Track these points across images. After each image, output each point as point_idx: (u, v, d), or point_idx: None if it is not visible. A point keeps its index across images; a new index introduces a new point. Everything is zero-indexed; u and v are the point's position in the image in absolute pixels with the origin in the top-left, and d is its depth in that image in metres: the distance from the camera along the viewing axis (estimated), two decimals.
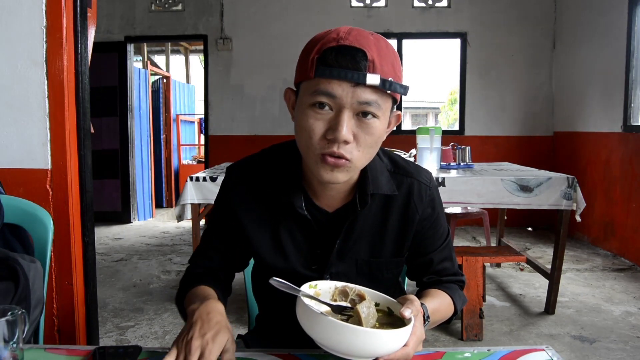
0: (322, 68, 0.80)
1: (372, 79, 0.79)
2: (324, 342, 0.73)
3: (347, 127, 0.81)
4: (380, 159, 0.99)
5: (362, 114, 0.82)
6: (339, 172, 0.85)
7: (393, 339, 0.72)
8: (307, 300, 0.76)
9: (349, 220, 0.95)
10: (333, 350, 0.73)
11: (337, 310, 0.82)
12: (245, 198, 0.99)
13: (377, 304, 0.84)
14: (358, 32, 0.83)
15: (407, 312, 0.77)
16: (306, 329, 0.74)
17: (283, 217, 0.97)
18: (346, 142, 0.82)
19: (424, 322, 0.87)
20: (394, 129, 0.96)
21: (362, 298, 0.83)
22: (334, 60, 0.80)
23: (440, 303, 0.97)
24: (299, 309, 0.76)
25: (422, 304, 0.89)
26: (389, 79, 0.81)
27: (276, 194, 0.96)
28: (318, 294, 0.85)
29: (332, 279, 0.97)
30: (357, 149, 0.84)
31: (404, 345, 0.75)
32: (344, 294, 0.85)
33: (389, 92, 0.82)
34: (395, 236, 0.99)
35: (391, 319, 0.83)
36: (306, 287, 0.82)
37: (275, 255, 0.98)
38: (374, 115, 0.83)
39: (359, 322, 0.77)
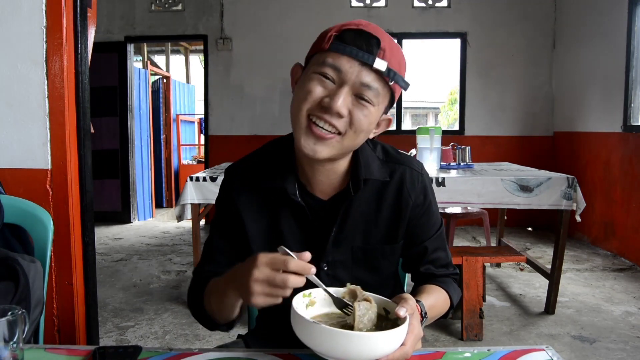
0: (337, 43, 0.85)
1: (380, 64, 0.84)
2: (320, 350, 0.73)
3: (343, 100, 0.85)
4: (372, 148, 1.02)
5: (359, 96, 0.86)
6: (322, 146, 0.87)
7: (388, 340, 0.72)
8: (300, 310, 0.76)
9: (344, 207, 0.96)
10: (330, 356, 0.73)
11: (338, 303, 0.82)
12: (243, 195, 1.00)
13: None
14: (377, 26, 0.88)
15: (402, 312, 0.77)
16: (301, 338, 0.74)
17: (279, 209, 0.98)
18: (339, 116, 0.85)
19: (422, 319, 0.87)
20: (386, 131, 0.99)
21: (367, 302, 0.82)
22: (351, 39, 0.85)
23: (436, 299, 0.98)
24: (293, 318, 0.75)
25: (419, 301, 0.90)
26: (394, 70, 0.86)
27: (271, 184, 0.97)
28: (313, 302, 0.84)
29: (328, 267, 0.98)
30: (348, 126, 0.87)
31: (402, 345, 0.75)
32: (352, 294, 0.84)
33: (390, 83, 0.87)
34: (389, 223, 1.00)
35: (389, 322, 0.82)
36: (300, 297, 0.81)
37: (271, 248, 0.99)
38: (370, 102, 0.87)
39: (353, 319, 0.77)
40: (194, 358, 0.83)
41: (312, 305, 0.84)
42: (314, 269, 0.74)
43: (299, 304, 0.80)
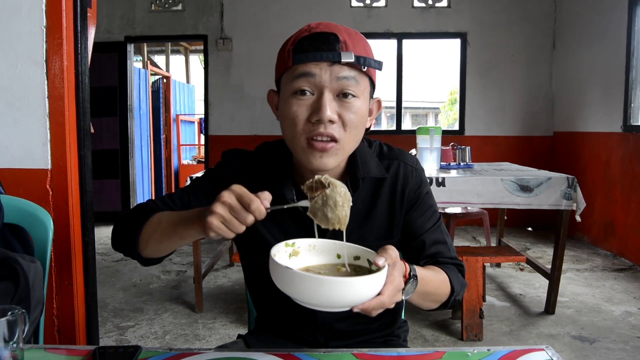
0: (299, 55, 0.86)
1: (347, 56, 0.85)
2: (296, 296, 0.70)
3: (329, 107, 0.86)
4: (369, 145, 1.03)
5: (342, 95, 0.87)
6: (328, 157, 0.89)
7: (362, 287, 0.69)
8: (277, 258, 0.73)
9: None
10: (307, 303, 0.70)
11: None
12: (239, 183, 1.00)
13: (357, 257, 0.83)
14: (328, 22, 0.89)
15: (380, 261, 0.74)
16: (276, 282, 0.72)
17: (276, 211, 0.98)
18: (331, 122, 0.86)
19: (409, 279, 0.84)
20: (380, 121, 0.99)
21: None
22: (309, 45, 0.85)
23: (433, 274, 0.94)
24: (270, 265, 0.72)
25: (411, 265, 0.87)
26: (363, 55, 0.86)
27: (268, 187, 0.97)
28: (297, 252, 0.82)
29: None
30: (343, 129, 0.88)
31: (379, 295, 0.72)
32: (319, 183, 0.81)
33: (364, 69, 0.87)
34: (384, 218, 1.01)
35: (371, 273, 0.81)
36: (282, 245, 0.80)
37: (267, 249, 0.99)
38: (354, 95, 0.87)
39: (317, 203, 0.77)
40: (194, 358, 0.83)
41: (295, 255, 0.82)
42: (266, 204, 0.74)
43: (280, 252, 0.78)
